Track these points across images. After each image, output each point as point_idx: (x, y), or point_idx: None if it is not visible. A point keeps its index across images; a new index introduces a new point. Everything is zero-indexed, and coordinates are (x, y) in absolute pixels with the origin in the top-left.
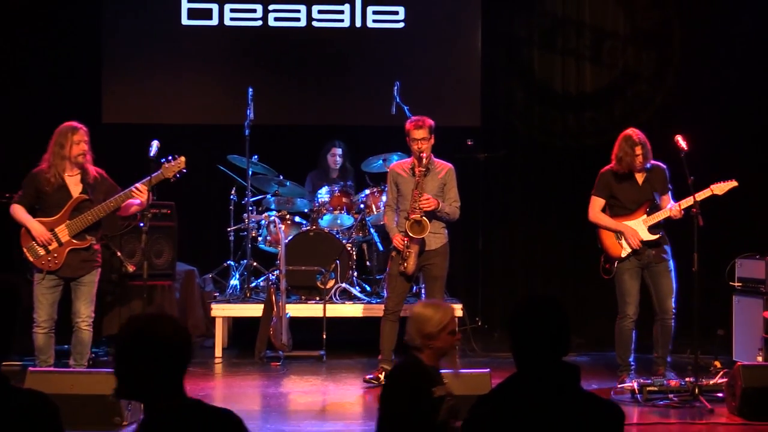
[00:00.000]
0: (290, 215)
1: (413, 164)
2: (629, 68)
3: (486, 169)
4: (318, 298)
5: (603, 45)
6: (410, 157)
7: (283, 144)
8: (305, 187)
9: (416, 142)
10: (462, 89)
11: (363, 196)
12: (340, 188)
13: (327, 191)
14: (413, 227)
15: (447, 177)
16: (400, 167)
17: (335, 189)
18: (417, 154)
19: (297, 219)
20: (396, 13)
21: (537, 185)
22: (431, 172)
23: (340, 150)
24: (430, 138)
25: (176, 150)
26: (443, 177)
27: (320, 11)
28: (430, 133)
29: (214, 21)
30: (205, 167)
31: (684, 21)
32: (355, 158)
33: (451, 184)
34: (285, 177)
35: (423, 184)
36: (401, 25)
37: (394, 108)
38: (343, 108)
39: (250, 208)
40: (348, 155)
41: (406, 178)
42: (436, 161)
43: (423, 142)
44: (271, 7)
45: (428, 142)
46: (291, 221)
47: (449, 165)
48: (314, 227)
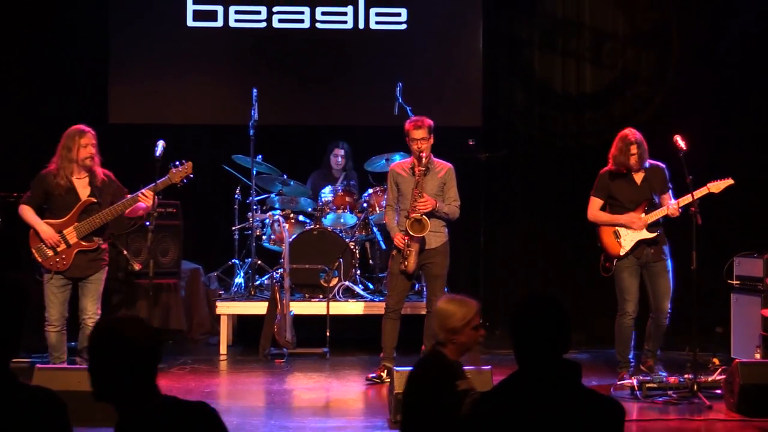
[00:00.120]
0: (294, 214)
1: (413, 164)
2: (629, 69)
3: (487, 169)
4: (321, 296)
5: (603, 46)
6: (410, 157)
7: (287, 144)
8: (307, 187)
9: (416, 142)
10: (463, 90)
11: (366, 196)
12: (344, 187)
13: (330, 190)
14: (413, 226)
15: (447, 176)
16: (400, 167)
17: (338, 188)
18: (417, 154)
19: (301, 218)
20: (398, 15)
21: (537, 185)
22: (431, 172)
23: (343, 151)
24: (430, 138)
25: (181, 149)
26: (443, 176)
27: (324, 13)
28: (430, 133)
29: (219, 22)
30: (210, 167)
31: (683, 22)
32: (358, 158)
33: (451, 184)
34: (289, 176)
35: (423, 184)
36: (403, 27)
37: (397, 108)
38: (346, 108)
39: (255, 207)
40: (351, 155)
41: (406, 178)
42: (436, 161)
43: (422, 142)
44: (276, 9)
45: (428, 142)
46: (295, 220)
47: (449, 165)
48: (318, 226)
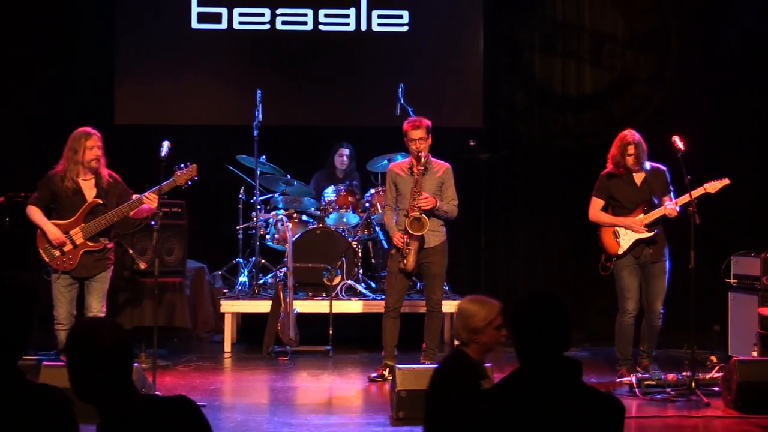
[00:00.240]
0: (297, 214)
1: (411, 164)
2: (628, 71)
3: (488, 169)
4: (324, 295)
5: (602, 48)
6: (409, 158)
7: (291, 144)
8: (310, 187)
9: (414, 142)
10: (464, 91)
11: (368, 195)
12: (346, 187)
13: (333, 190)
14: (413, 224)
15: (445, 176)
16: (399, 167)
17: (341, 188)
18: (415, 154)
19: (304, 217)
20: (400, 17)
21: (538, 184)
22: (429, 172)
23: (348, 150)
24: (428, 138)
25: (186, 150)
26: (441, 176)
27: (327, 15)
28: (428, 133)
29: (224, 25)
30: (215, 167)
31: (681, 24)
32: (360, 158)
33: (449, 183)
34: (292, 176)
35: (421, 183)
36: (405, 29)
37: (399, 109)
38: (349, 109)
39: (259, 207)
40: (354, 156)
41: (405, 178)
42: (434, 161)
43: (421, 142)
44: (279, 11)
45: (426, 142)
46: (298, 219)
47: (447, 164)
48: (321, 225)
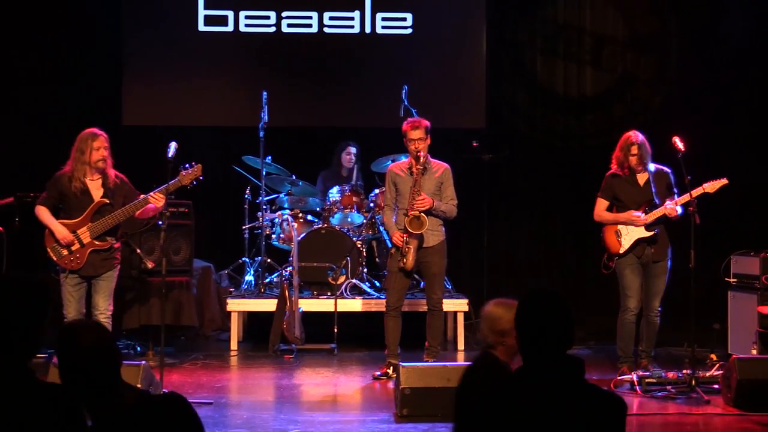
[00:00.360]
0: (303, 214)
1: (410, 164)
2: (628, 72)
3: (490, 169)
4: (329, 294)
5: (603, 50)
6: (408, 158)
7: (296, 145)
8: (316, 187)
9: (413, 143)
10: (467, 92)
11: (372, 196)
12: (351, 187)
13: (338, 190)
14: (412, 223)
15: (444, 176)
16: (398, 167)
17: (346, 188)
18: (414, 154)
19: (309, 217)
20: (404, 20)
21: (539, 184)
22: (428, 172)
23: (354, 149)
24: (426, 138)
25: (193, 151)
26: (440, 176)
27: (331, 18)
28: (426, 134)
29: (230, 27)
30: (221, 168)
31: (681, 27)
32: (365, 159)
33: (448, 183)
34: (297, 177)
35: (421, 183)
36: (409, 31)
37: (402, 110)
38: (354, 111)
39: (264, 207)
40: (359, 157)
41: (404, 178)
42: (433, 161)
43: (420, 142)
44: (284, 14)
45: (424, 142)
46: (303, 219)
47: (446, 165)
48: (326, 225)
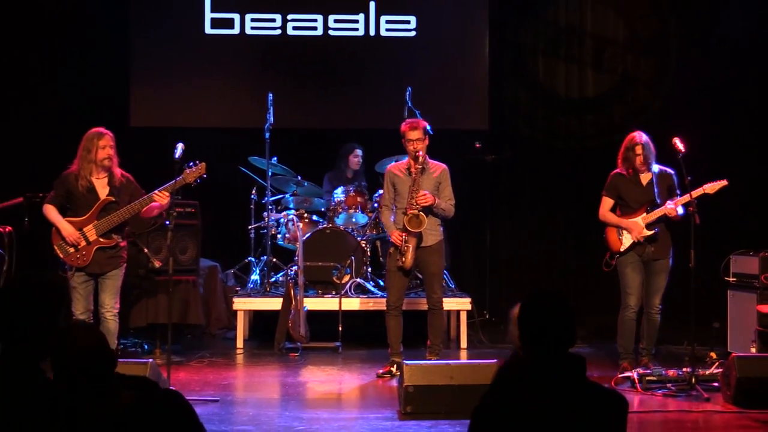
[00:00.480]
0: (308, 214)
1: (409, 165)
2: (629, 74)
3: (493, 170)
4: (334, 293)
5: (604, 52)
6: (406, 159)
7: (301, 146)
8: (323, 187)
9: (411, 143)
10: (470, 94)
11: (376, 196)
12: (355, 188)
13: (342, 191)
14: (411, 221)
15: (442, 176)
16: (397, 168)
17: (350, 189)
18: (413, 154)
19: (314, 217)
20: (408, 23)
21: (541, 184)
22: (426, 172)
23: (361, 152)
24: (425, 139)
25: (200, 152)
26: (438, 176)
27: (336, 21)
28: (425, 134)
29: (236, 30)
30: (228, 169)
31: (681, 29)
32: (369, 160)
33: (446, 183)
34: (303, 177)
35: (419, 182)
36: (413, 34)
37: (406, 112)
38: (358, 112)
39: (270, 207)
40: (363, 157)
41: (403, 179)
42: (431, 162)
43: (418, 143)
44: (290, 17)
45: (423, 143)
46: (308, 219)
47: (443, 165)
48: (330, 225)
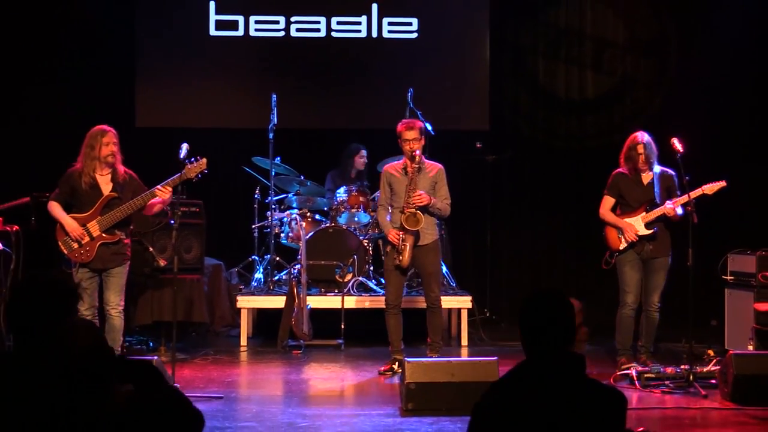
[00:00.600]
0: (311, 213)
1: (405, 165)
2: (628, 75)
3: (494, 170)
4: (336, 291)
5: (603, 54)
6: (403, 159)
7: (305, 146)
8: (326, 186)
9: (408, 143)
10: (471, 95)
11: (378, 195)
12: (357, 188)
13: (345, 190)
14: (409, 220)
15: (438, 176)
16: (393, 168)
17: (353, 188)
18: (409, 154)
19: (317, 216)
20: (410, 24)
21: (541, 184)
22: (423, 172)
23: (365, 152)
24: (421, 139)
25: (204, 152)
26: (434, 176)
27: (339, 22)
28: (421, 134)
29: (240, 32)
30: (231, 168)
31: (680, 31)
32: (371, 160)
33: (442, 183)
34: (306, 177)
35: (416, 182)
36: (414, 36)
37: (408, 112)
38: (360, 113)
39: (273, 207)
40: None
41: (399, 179)
42: (427, 162)
43: (414, 143)
44: (293, 19)
45: (419, 143)
46: (311, 219)
47: (439, 165)
48: (333, 224)
